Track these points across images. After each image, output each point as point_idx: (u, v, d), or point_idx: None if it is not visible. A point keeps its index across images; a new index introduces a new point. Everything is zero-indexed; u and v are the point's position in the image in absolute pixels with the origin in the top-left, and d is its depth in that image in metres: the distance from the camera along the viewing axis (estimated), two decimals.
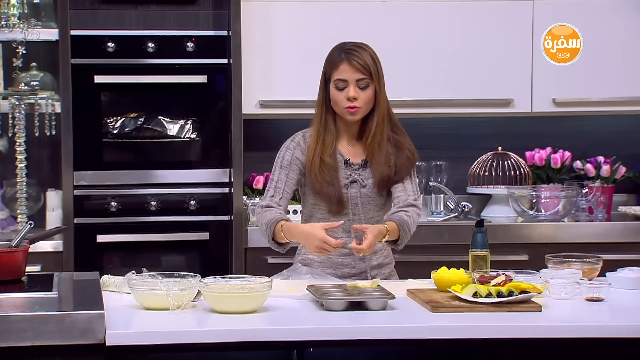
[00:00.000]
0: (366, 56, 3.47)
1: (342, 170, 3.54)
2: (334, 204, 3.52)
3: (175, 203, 4.78)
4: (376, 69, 3.48)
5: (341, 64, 3.47)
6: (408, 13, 5.00)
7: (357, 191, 3.54)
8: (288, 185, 3.56)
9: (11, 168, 4.72)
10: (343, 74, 3.47)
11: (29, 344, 2.66)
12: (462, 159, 5.28)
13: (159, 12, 4.82)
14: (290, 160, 3.56)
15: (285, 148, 3.59)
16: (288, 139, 3.63)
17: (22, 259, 3.17)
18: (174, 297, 2.93)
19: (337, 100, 3.49)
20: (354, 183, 3.54)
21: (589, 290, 3.16)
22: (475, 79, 5.05)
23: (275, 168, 3.59)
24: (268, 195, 3.56)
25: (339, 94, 3.48)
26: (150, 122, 4.79)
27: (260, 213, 3.54)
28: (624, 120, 5.41)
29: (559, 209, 4.95)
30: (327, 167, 3.50)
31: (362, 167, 3.55)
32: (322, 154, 3.50)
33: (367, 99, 3.48)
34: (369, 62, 3.46)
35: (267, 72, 4.92)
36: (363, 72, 3.46)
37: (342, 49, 3.51)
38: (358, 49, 3.49)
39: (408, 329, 2.84)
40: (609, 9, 5.08)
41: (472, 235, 3.41)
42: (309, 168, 3.52)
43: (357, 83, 3.46)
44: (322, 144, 3.51)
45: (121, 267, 4.54)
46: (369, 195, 3.54)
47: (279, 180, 3.56)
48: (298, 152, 3.57)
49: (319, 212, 3.57)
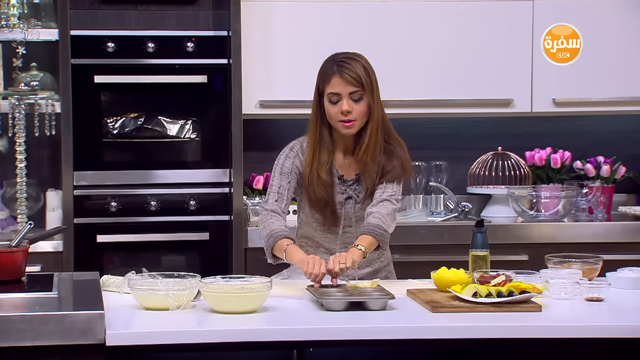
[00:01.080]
0: (358, 68, 3.41)
1: (338, 186, 3.53)
2: (328, 218, 3.52)
3: (175, 203, 4.78)
4: (369, 80, 3.42)
5: (333, 78, 3.42)
6: (408, 13, 4.99)
7: (352, 207, 3.53)
8: (289, 192, 3.55)
9: (11, 168, 4.71)
10: (335, 88, 3.42)
11: (29, 344, 2.66)
12: (462, 159, 5.28)
13: (159, 12, 4.82)
14: (290, 169, 3.54)
15: (284, 156, 3.56)
16: (287, 147, 3.59)
17: (22, 259, 3.17)
18: (174, 297, 2.93)
19: (331, 114, 3.45)
20: (349, 199, 3.53)
21: (588, 291, 3.16)
22: (475, 79, 5.04)
23: (275, 174, 3.56)
24: (272, 200, 3.54)
25: (332, 107, 3.44)
26: (150, 122, 4.79)
27: (265, 217, 3.52)
28: (624, 120, 5.41)
29: (559, 209, 4.95)
30: (323, 184, 3.48)
31: (355, 182, 3.53)
32: (319, 170, 3.48)
33: (362, 111, 3.43)
34: (361, 74, 3.40)
35: (267, 72, 4.92)
36: (355, 85, 3.40)
37: (335, 61, 3.45)
38: (350, 61, 3.43)
39: (408, 329, 2.84)
40: (609, 9, 5.08)
41: (472, 235, 3.41)
42: (307, 183, 3.50)
43: (350, 96, 3.41)
44: (318, 160, 3.49)
45: (121, 267, 4.54)
46: (364, 210, 3.52)
47: (281, 186, 3.54)
48: (297, 161, 3.54)
49: (314, 222, 3.57)
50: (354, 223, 3.53)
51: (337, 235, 3.54)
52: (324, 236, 3.55)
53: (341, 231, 3.54)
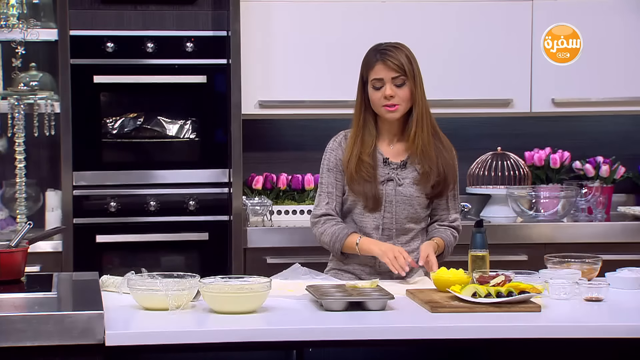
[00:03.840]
0: (401, 55, 3.53)
1: (380, 169, 3.57)
2: (370, 200, 3.54)
3: (174, 203, 4.78)
4: (411, 68, 3.53)
5: (376, 64, 3.52)
6: (408, 13, 4.99)
7: (392, 189, 3.56)
8: (338, 188, 3.60)
9: (10, 168, 4.71)
10: (379, 74, 3.51)
11: (28, 344, 2.66)
12: (461, 159, 5.20)
13: (158, 12, 4.82)
14: (335, 162, 3.60)
15: (329, 150, 3.63)
16: (331, 140, 3.66)
17: (21, 259, 3.17)
18: (173, 298, 2.93)
19: (375, 100, 3.53)
20: (390, 181, 3.56)
21: (588, 291, 3.16)
22: (474, 79, 5.04)
23: (323, 171, 3.63)
24: (322, 203, 3.60)
25: (376, 93, 3.52)
26: (150, 122, 4.79)
27: (319, 223, 3.58)
28: (624, 120, 5.41)
29: (558, 209, 4.95)
30: (365, 166, 3.53)
31: (400, 167, 3.58)
32: (361, 153, 3.54)
33: (405, 96, 3.52)
34: (403, 61, 3.51)
35: (266, 72, 4.92)
36: (397, 71, 3.50)
37: (377, 50, 3.56)
38: (393, 49, 3.54)
39: (407, 329, 2.84)
40: (609, 9, 5.08)
41: (472, 235, 3.41)
42: (346, 166, 3.56)
43: (393, 81, 3.51)
44: (360, 144, 3.55)
45: (120, 267, 4.54)
46: (404, 194, 3.55)
47: (328, 184, 3.60)
48: (340, 152, 3.61)
49: (356, 208, 3.59)
50: (394, 207, 3.55)
51: (377, 218, 3.56)
52: (363, 220, 3.57)
53: (384, 211, 3.56)
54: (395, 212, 3.56)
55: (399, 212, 3.56)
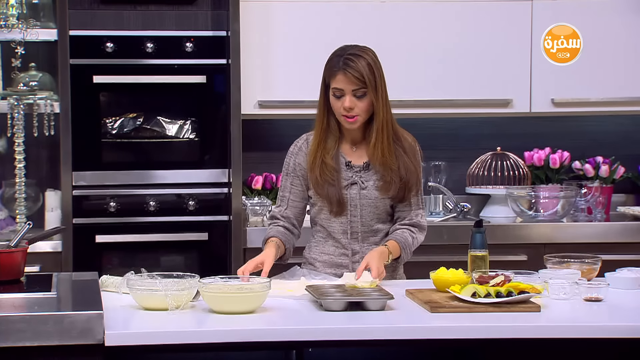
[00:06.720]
0: (362, 65, 3.42)
1: (344, 172, 3.55)
2: (335, 204, 3.53)
3: (174, 203, 4.78)
4: (372, 78, 3.43)
5: (338, 74, 3.44)
6: (407, 13, 4.99)
7: (357, 192, 3.54)
8: (293, 193, 3.59)
9: (10, 168, 4.71)
10: (339, 84, 3.45)
11: (27, 345, 2.66)
12: (461, 159, 5.28)
13: (158, 13, 4.82)
14: (293, 167, 3.60)
15: (289, 154, 3.62)
16: (293, 143, 3.65)
17: (21, 259, 3.17)
18: (172, 298, 2.93)
19: (335, 108, 3.49)
20: (354, 185, 3.54)
21: (587, 291, 3.16)
22: (474, 79, 5.05)
23: (283, 175, 3.64)
24: (276, 206, 3.64)
25: (336, 101, 3.48)
26: (149, 123, 4.79)
27: (269, 227, 3.63)
28: (623, 121, 5.41)
29: (558, 209, 4.95)
30: (328, 169, 3.51)
31: (363, 169, 3.55)
32: (324, 156, 3.51)
33: (365, 107, 3.45)
34: (364, 72, 3.42)
35: (266, 72, 4.92)
36: (357, 83, 3.42)
37: (341, 56, 3.47)
38: (355, 58, 3.43)
39: (407, 329, 2.84)
40: (609, 9, 5.08)
41: (471, 235, 3.41)
42: (310, 169, 3.54)
43: (353, 92, 3.44)
44: (323, 147, 3.53)
45: (120, 268, 4.54)
46: (369, 197, 3.54)
47: (284, 188, 3.62)
48: (300, 157, 3.58)
49: (322, 213, 3.58)
50: (359, 210, 3.54)
51: (344, 222, 3.55)
52: (330, 225, 3.57)
53: (349, 215, 3.54)
54: (361, 216, 3.55)
55: (364, 215, 3.55)
